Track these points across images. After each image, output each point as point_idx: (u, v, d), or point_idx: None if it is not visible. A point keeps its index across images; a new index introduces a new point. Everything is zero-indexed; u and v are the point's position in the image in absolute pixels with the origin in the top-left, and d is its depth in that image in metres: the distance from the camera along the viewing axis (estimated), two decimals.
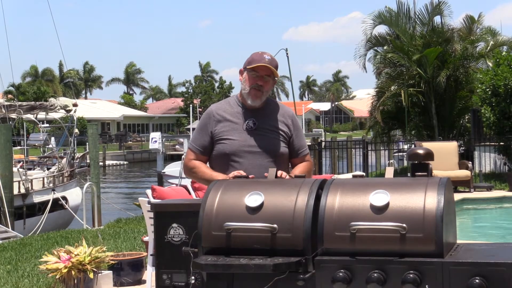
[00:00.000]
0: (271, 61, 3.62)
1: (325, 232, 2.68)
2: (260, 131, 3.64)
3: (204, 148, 3.68)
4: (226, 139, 3.62)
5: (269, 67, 3.59)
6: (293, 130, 3.72)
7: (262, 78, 3.61)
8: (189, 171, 3.73)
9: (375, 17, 19.17)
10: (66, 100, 21.70)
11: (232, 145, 3.59)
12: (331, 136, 45.85)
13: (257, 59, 3.61)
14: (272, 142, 3.63)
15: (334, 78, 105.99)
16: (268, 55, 3.64)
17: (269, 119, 3.68)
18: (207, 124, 3.69)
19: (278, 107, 3.77)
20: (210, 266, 2.70)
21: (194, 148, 3.71)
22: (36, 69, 77.09)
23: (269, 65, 3.59)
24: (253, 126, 3.64)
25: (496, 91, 15.08)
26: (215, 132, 3.65)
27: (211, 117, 3.69)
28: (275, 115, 3.70)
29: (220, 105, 3.76)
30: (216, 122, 3.66)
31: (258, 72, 3.60)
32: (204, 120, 3.72)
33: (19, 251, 8.54)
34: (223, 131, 3.63)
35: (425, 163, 3.00)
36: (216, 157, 3.64)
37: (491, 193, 13.16)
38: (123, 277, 6.04)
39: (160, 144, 23.04)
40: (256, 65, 3.59)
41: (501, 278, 2.46)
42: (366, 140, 18.10)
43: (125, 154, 51.84)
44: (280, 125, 3.68)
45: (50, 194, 17.77)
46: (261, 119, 3.66)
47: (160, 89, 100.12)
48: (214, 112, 3.70)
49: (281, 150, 3.64)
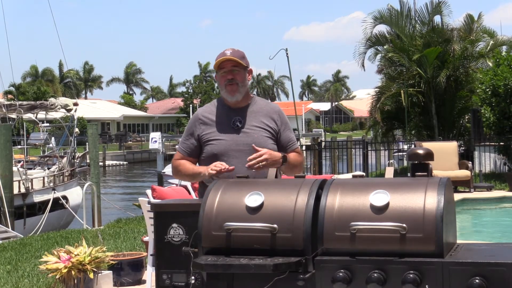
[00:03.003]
0: (233, 52, 3.66)
1: (325, 232, 2.68)
2: (247, 129, 3.65)
3: (190, 150, 3.73)
4: (214, 139, 3.64)
5: (232, 58, 3.63)
6: (280, 125, 3.73)
7: (231, 71, 3.64)
8: (175, 170, 3.80)
9: (376, 17, 19.16)
10: (66, 100, 21.71)
11: (220, 145, 3.61)
12: (331, 136, 45.86)
13: (218, 58, 3.67)
14: (260, 139, 3.63)
15: (334, 78, 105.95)
16: (229, 50, 3.68)
17: (255, 116, 3.69)
18: (193, 127, 3.73)
19: (264, 103, 3.78)
20: (210, 266, 2.70)
21: (181, 150, 3.77)
22: (36, 69, 77.05)
23: (231, 56, 3.63)
24: (239, 124, 3.65)
25: (496, 91, 15.07)
26: (202, 135, 3.68)
27: (197, 121, 3.73)
28: (262, 112, 3.71)
29: (205, 108, 3.80)
30: (202, 125, 3.69)
31: (225, 68, 3.65)
32: (190, 124, 3.77)
33: (19, 251, 8.54)
34: (210, 133, 3.66)
35: (425, 163, 3.00)
36: (205, 158, 3.66)
37: (491, 193, 13.16)
38: (123, 277, 6.04)
39: (160, 144, 23.05)
40: (219, 62, 3.64)
41: (501, 278, 2.46)
42: (366, 140, 18.09)
43: (125, 154, 51.84)
44: (267, 121, 3.69)
45: (50, 193, 17.76)
46: (247, 117, 3.68)
47: (160, 89, 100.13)
48: (200, 115, 3.74)
49: (270, 147, 3.64)
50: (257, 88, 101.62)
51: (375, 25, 19.37)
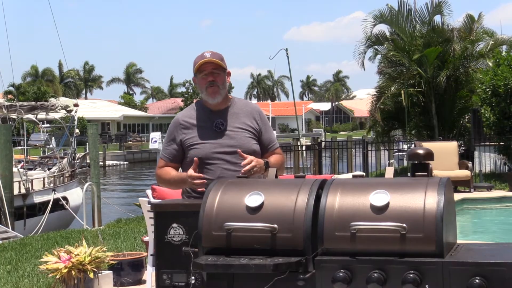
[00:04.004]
0: (213, 55, 3.64)
1: (325, 232, 2.68)
2: (229, 131, 3.62)
3: (172, 156, 3.68)
4: (197, 143, 3.60)
5: (212, 60, 3.60)
6: (261, 124, 3.71)
7: (212, 73, 3.62)
8: (159, 178, 3.74)
9: (376, 16, 19.15)
10: (67, 100, 21.71)
11: (204, 148, 3.57)
12: (331, 136, 45.85)
13: (198, 61, 3.63)
14: (243, 140, 3.61)
15: (334, 78, 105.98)
16: (208, 52, 3.65)
17: (237, 117, 3.67)
18: (174, 133, 3.68)
19: (244, 104, 3.77)
20: (210, 266, 2.70)
21: (163, 157, 3.72)
22: (36, 69, 77.06)
23: (211, 58, 3.61)
24: (221, 127, 3.62)
25: (496, 91, 15.07)
26: (184, 140, 3.63)
27: (178, 126, 3.68)
28: (242, 113, 3.69)
29: (185, 113, 3.75)
30: (184, 130, 3.65)
31: (205, 70, 3.62)
32: (171, 129, 3.72)
33: (19, 251, 8.54)
34: (193, 137, 3.62)
35: (425, 163, 3.00)
36: (189, 163, 3.57)
37: (491, 193, 13.16)
38: (123, 277, 6.04)
39: (160, 144, 22.98)
40: (198, 65, 3.61)
41: (501, 278, 2.46)
42: (366, 140, 18.09)
43: (125, 154, 51.82)
44: (248, 121, 3.68)
45: (50, 194, 17.77)
46: (229, 118, 3.65)
47: (160, 89, 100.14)
48: (181, 120, 3.69)
49: (254, 147, 3.63)
50: (257, 88, 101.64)
51: (375, 24, 19.36)
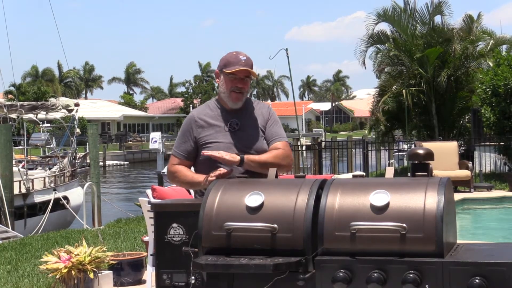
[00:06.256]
0: (247, 61, 3.59)
1: (325, 232, 2.68)
2: (243, 131, 3.61)
3: (187, 153, 3.64)
4: (211, 142, 3.58)
5: (248, 70, 3.57)
6: (268, 119, 3.67)
7: (242, 80, 3.58)
8: (172, 176, 3.68)
9: (379, 14, 19.12)
10: (67, 100, 21.71)
11: (218, 148, 3.54)
12: (331, 136, 45.83)
13: (233, 62, 3.57)
14: (257, 140, 3.61)
15: (335, 78, 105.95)
16: (244, 55, 3.60)
17: (250, 117, 3.66)
18: (190, 130, 3.65)
19: (256, 103, 3.75)
20: (210, 266, 2.70)
21: (177, 154, 3.66)
22: (36, 69, 77.08)
23: (246, 67, 3.56)
24: (236, 127, 3.61)
25: (496, 91, 15.07)
26: (199, 138, 3.61)
27: (193, 123, 3.65)
28: (255, 112, 3.68)
29: (200, 110, 3.73)
30: (199, 127, 3.62)
31: (236, 75, 3.57)
32: (186, 126, 3.68)
33: (19, 251, 8.54)
34: (207, 135, 3.60)
35: (425, 163, 3.00)
36: (202, 162, 3.57)
37: (491, 193, 13.16)
38: (123, 277, 6.04)
39: (160, 144, 23.04)
40: (235, 70, 3.55)
41: (501, 278, 2.46)
42: (366, 140, 18.09)
43: (125, 154, 51.82)
44: (260, 121, 3.67)
45: (51, 194, 17.76)
46: (242, 118, 3.64)
47: (160, 89, 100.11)
48: (196, 117, 3.66)
49: (266, 147, 3.62)
50: (257, 88, 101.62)
51: (378, 22, 19.32)
